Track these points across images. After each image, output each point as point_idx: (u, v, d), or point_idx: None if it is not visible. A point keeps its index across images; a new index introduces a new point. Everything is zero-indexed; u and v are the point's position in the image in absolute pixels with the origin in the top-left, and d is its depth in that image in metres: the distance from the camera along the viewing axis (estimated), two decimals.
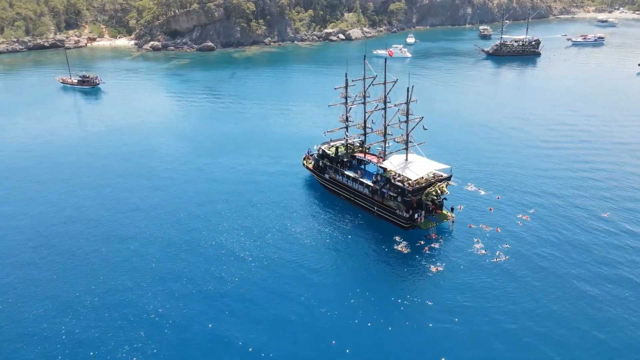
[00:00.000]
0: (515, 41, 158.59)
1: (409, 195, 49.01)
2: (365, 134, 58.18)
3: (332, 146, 60.29)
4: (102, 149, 76.81)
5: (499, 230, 50.20)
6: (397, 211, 50.36)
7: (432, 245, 47.93)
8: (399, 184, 49.94)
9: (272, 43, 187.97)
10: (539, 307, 39.39)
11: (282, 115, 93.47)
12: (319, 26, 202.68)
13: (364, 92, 56.82)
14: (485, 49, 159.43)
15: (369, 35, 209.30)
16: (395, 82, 54.56)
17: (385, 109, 53.87)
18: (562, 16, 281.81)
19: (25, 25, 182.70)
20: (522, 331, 36.88)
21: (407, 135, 51.72)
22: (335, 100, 60.32)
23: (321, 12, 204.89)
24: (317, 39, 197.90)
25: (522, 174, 64.06)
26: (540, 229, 50.49)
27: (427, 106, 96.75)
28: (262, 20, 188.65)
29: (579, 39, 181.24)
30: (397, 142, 52.92)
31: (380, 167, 53.33)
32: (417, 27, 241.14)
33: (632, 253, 46.17)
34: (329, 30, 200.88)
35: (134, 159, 72.52)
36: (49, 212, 56.06)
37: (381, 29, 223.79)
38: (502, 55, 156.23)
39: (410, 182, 49.68)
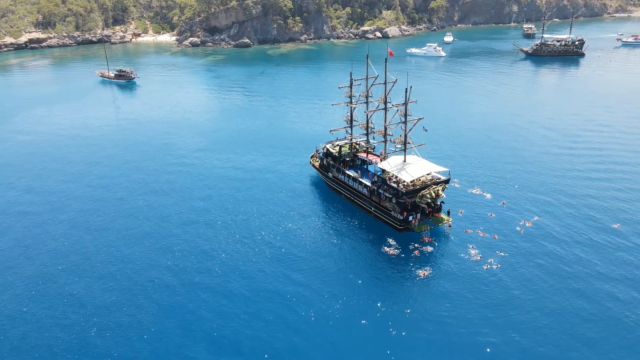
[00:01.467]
0: (557, 41, 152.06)
1: (404, 197, 48.49)
2: (367, 134, 57.89)
3: (337, 145, 60.42)
4: (121, 142, 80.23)
5: (496, 237, 48.79)
6: (393, 212, 49.98)
7: (425, 249, 47.20)
8: (394, 185, 49.51)
9: (307, 40, 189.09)
10: (526, 320, 37.69)
11: (301, 113, 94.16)
12: (356, 24, 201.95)
13: (367, 92, 56.51)
14: (525, 49, 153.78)
15: (406, 33, 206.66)
16: (394, 82, 53.92)
17: (385, 109, 53.43)
18: (617, 15, 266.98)
19: (75, 21, 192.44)
20: (503, 345, 35.36)
21: (406, 136, 51.09)
22: (339, 100, 60.36)
23: (359, 10, 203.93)
24: (353, 36, 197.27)
25: (537, 180, 61.71)
26: (541, 238, 48.62)
27: (451, 108, 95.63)
28: (298, 18, 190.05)
29: (630, 39, 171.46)
30: (394, 143, 52.26)
31: (379, 167, 53.03)
32: (458, 25, 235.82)
33: (638, 269, 43.60)
34: (365, 28, 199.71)
35: (150, 151, 75.32)
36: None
37: (420, 27, 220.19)
38: (542, 56, 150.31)
39: (404, 183, 49.13)
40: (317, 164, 63.29)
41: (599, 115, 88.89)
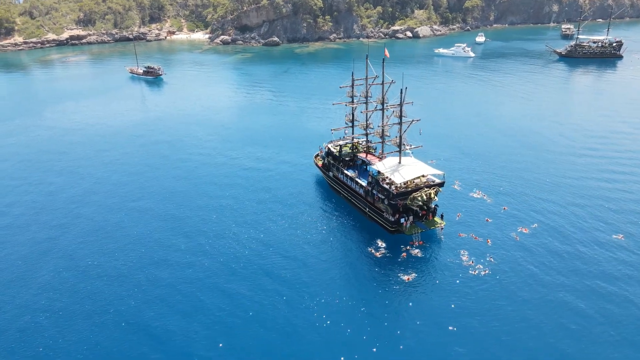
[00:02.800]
0: (594, 42, 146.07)
1: (395, 198, 48.13)
2: (366, 134, 57.69)
3: (338, 145, 60.50)
4: (138, 137, 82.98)
5: (489, 242, 47.70)
6: (385, 214, 49.71)
7: (414, 252, 46.62)
8: (386, 186, 49.20)
9: (337, 39, 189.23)
10: (509, 332, 36.22)
11: (317, 111, 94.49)
12: (386, 23, 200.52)
13: (366, 92, 56.31)
14: (558, 50, 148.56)
15: (438, 33, 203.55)
16: (391, 82, 53.45)
17: (383, 109, 53.12)
18: None
19: (114, 19, 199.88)
20: None
21: (400, 137, 50.64)
22: (341, 99, 60.39)
23: (390, 9, 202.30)
24: (383, 36, 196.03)
25: (546, 187, 59.53)
26: (536, 246, 47.09)
27: (471, 109, 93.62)
28: (328, 17, 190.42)
29: None
30: (388, 144, 51.89)
31: (374, 168, 52.78)
32: (494, 25, 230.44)
33: (636, 286, 41.46)
34: (396, 27, 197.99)
35: (164, 145, 77.59)
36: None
37: (454, 27, 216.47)
38: (576, 57, 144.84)
39: (396, 185, 48.73)
40: (320, 163, 63.57)
41: (628, 122, 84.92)
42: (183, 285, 42.62)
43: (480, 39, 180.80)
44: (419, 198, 47.84)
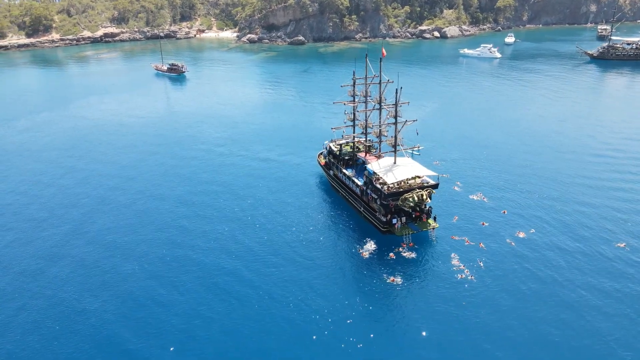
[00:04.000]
0: (628, 44, 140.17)
1: (387, 198, 47.77)
2: (365, 134, 57.39)
3: (339, 144, 60.48)
4: (153, 133, 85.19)
5: (482, 246, 46.67)
6: (377, 214, 49.41)
7: (403, 254, 46.07)
8: (379, 186, 48.87)
9: (362, 39, 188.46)
10: (480, 343, 34.94)
11: (330, 110, 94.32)
12: (414, 23, 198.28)
13: (365, 91, 56.03)
14: (590, 52, 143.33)
15: (467, 33, 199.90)
16: (387, 82, 52.97)
17: (380, 109, 52.75)
18: None
19: (146, 17, 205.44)
20: None
21: (395, 137, 50.17)
22: (342, 98, 60.33)
23: (418, 9, 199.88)
24: (410, 36, 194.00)
25: (552, 193, 57.61)
26: (530, 253, 45.67)
27: (488, 111, 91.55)
28: (355, 16, 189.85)
29: None
30: (382, 143, 51.51)
31: (369, 167, 52.49)
32: (527, 25, 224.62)
33: (633, 301, 39.36)
34: (423, 27, 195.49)
35: (173, 140, 79.44)
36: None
37: (484, 27, 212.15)
38: (609, 59, 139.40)
39: (388, 185, 48.32)
40: (323, 162, 63.69)
41: None
42: (163, 273, 43.67)
43: (510, 39, 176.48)
44: (411, 199, 47.29)
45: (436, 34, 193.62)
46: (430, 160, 67.79)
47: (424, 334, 36.28)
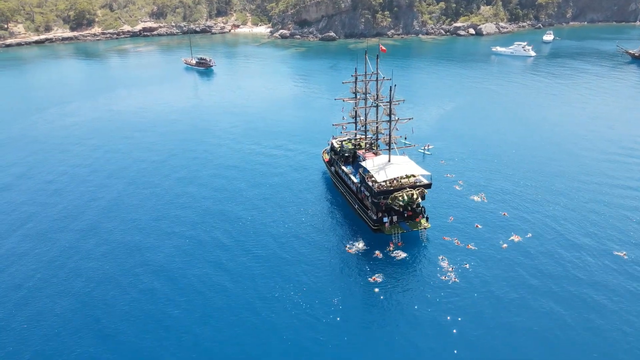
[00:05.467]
0: None
1: (377, 196, 47.39)
2: (366, 131, 56.97)
3: (341, 140, 60.40)
4: (170, 126, 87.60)
5: (470, 247, 45.54)
6: (369, 212, 49.11)
7: (390, 253, 45.58)
8: (370, 184, 48.52)
9: (394, 36, 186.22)
10: (442, 351, 34.06)
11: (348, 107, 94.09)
12: (449, 19, 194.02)
13: (365, 89, 55.60)
14: (631, 51, 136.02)
15: (504, 30, 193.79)
16: (383, 79, 52.32)
17: (377, 106, 52.27)
18: None
19: (183, 12, 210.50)
20: None
21: (390, 135, 49.58)
22: (343, 95, 60.11)
23: (454, 5, 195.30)
24: (443, 33, 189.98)
25: (561, 196, 55.55)
26: (521, 258, 44.13)
27: (513, 111, 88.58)
28: (387, 12, 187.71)
29: None
30: (382, 142, 51.02)
31: (363, 165, 52.16)
32: (571, 23, 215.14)
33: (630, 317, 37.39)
34: (458, 24, 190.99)
35: (190, 132, 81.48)
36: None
37: (524, 24, 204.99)
38: None
39: (379, 183, 47.89)
40: (327, 158, 63.76)
41: None
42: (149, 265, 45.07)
43: (548, 37, 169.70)
44: (400, 198, 46.71)
45: (471, 31, 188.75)
46: (437, 159, 66.80)
47: (394, 337, 35.80)
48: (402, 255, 45.20)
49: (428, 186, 48.57)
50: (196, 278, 42.77)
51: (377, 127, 52.53)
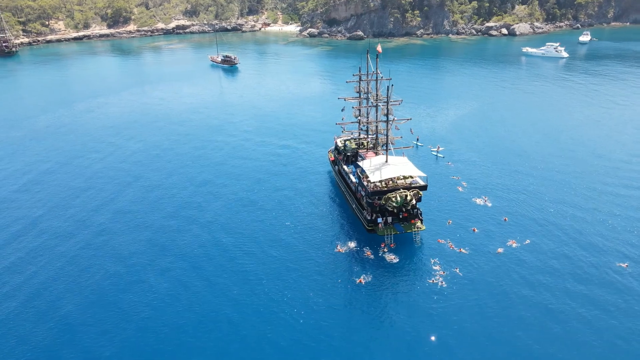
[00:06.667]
0: None
1: (371, 196, 46.96)
2: (367, 131, 56.48)
3: (344, 139, 60.14)
4: (185, 122, 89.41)
5: (462, 251, 44.47)
6: (364, 212, 48.73)
7: (381, 254, 45.02)
8: (365, 183, 48.11)
9: (424, 35, 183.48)
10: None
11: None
12: (481, 19, 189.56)
13: (367, 88, 55.09)
14: None
15: (539, 31, 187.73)
16: (382, 78, 51.68)
17: (376, 106, 51.72)
18: None
19: (216, 10, 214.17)
20: None
21: (387, 136, 48.99)
22: (349, 94, 59.76)
23: (487, 4, 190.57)
24: (475, 33, 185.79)
25: (568, 204, 53.46)
26: (515, 265, 42.73)
27: (531, 114, 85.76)
28: (417, 12, 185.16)
29: None
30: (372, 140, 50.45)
31: (360, 165, 51.75)
32: (612, 23, 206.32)
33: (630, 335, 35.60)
34: (490, 24, 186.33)
35: (203, 128, 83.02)
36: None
37: (561, 24, 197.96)
38: None
39: (373, 183, 47.40)
40: (332, 157, 63.65)
41: None
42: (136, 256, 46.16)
43: (585, 38, 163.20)
44: (394, 199, 46.11)
45: (504, 31, 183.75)
46: (445, 161, 65.57)
47: (370, 341, 35.25)
48: (393, 257, 44.60)
49: (423, 188, 47.74)
50: (177, 273, 43.57)
51: (376, 127, 52.02)
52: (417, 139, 73.06)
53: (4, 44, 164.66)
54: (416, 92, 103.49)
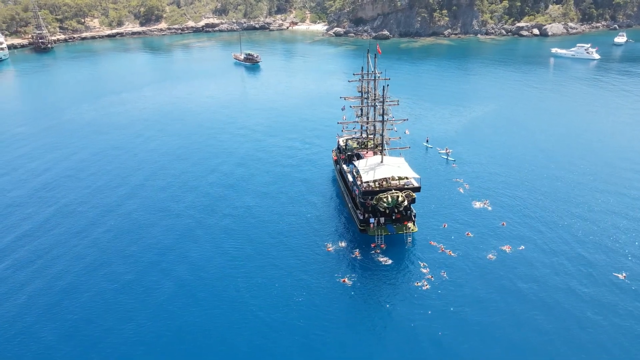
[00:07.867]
0: None
1: (364, 196, 46.73)
2: (367, 130, 56.16)
3: (346, 139, 60.03)
4: (201, 119, 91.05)
5: (451, 254, 43.71)
6: (358, 211, 48.53)
7: (371, 254, 44.62)
8: (358, 183, 47.89)
9: (451, 35, 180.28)
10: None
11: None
12: (512, 19, 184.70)
13: (367, 88, 54.83)
14: None
15: (573, 31, 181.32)
16: (379, 78, 51.26)
17: (375, 106, 51.37)
18: None
19: (244, 9, 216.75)
20: None
21: (382, 136, 48.59)
22: (351, 94, 59.64)
23: (518, 4, 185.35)
24: (505, 33, 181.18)
25: (573, 211, 51.66)
26: (506, 271, 41.65)
27: (552, 118, 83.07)
28: (445, 11, 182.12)
29: None
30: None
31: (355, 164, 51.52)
32: None
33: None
34: (521, 24, 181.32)
35: (212, 126, 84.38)
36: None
37: (598, 24, 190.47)
38: None
39: (366, 183, 47.11)
40: (335, 156, 63.63)
41: None
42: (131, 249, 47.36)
43: (620, 39, 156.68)
44: (385, 199, 45.73)
45: (535, 31, 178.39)
46: (452, 162, 64.51)
47: (346, 342, 35.06)
48: (382, 257, 44.27)
49: (417, 189, 47.13)
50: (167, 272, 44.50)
51: (374, 127, 51.70)
52: (427, 140, 72.08)
53: (40, 40, 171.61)
54: (435, 93, 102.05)
